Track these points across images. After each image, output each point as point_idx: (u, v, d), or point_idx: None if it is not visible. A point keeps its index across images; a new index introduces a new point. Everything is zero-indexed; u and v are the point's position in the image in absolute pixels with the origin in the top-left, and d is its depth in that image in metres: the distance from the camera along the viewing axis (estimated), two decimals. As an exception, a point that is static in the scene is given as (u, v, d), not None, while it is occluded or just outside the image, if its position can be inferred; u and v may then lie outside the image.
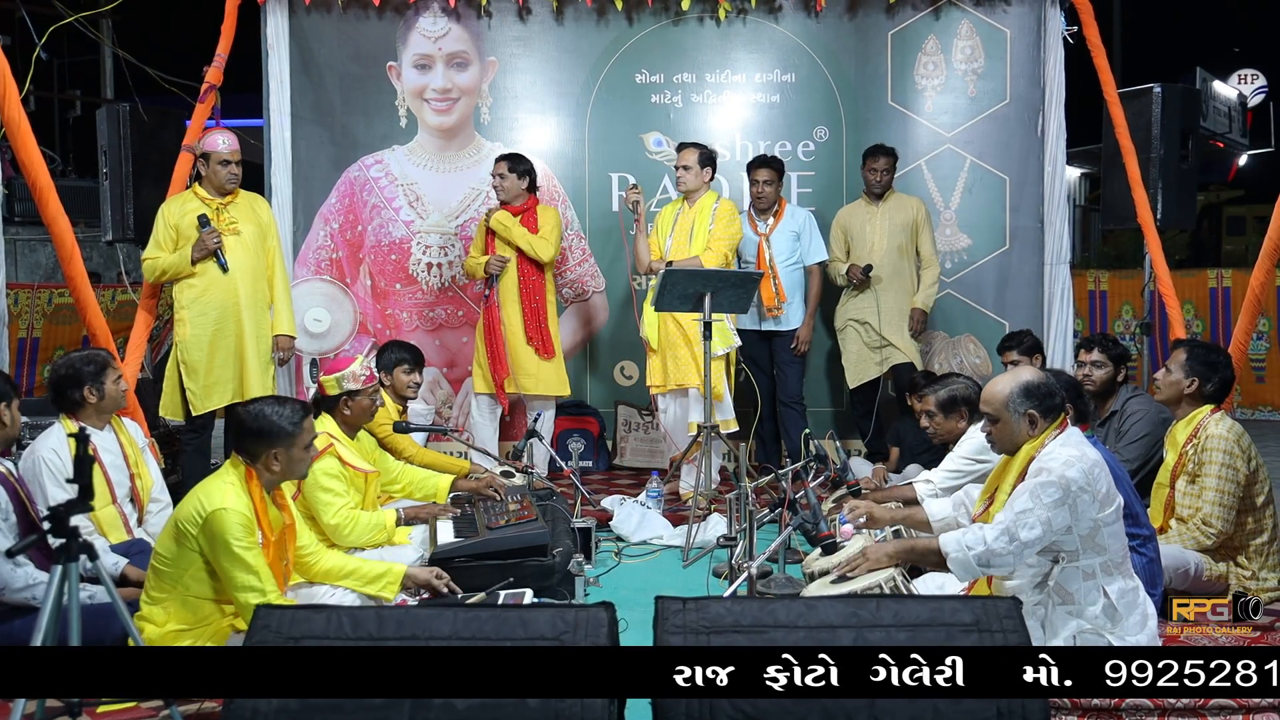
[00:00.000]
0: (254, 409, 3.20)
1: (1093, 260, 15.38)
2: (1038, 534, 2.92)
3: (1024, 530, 2.92)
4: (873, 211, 5.82)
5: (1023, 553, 2.95)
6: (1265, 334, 8.77)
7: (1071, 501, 2.92)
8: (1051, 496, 2.92)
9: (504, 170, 5.51)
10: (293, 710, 2.02)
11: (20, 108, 4.21)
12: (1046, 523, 2.91)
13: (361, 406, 4.06)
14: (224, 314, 4.85)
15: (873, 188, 5.80)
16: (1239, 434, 3.84)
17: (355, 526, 3.88)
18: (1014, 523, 2.94)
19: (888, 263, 5.72)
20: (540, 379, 5.54)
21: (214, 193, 4.89)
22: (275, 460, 3.17)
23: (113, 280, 9.02)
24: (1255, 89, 16.71)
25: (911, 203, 5.85)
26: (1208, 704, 2.85)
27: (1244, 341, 4.81)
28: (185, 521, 3.05)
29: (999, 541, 2.94)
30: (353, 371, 4.00)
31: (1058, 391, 3.13)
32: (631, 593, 4.02)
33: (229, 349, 4.87)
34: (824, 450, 4.17)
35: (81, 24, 6.33)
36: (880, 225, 5.78)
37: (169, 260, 4.83)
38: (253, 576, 3.02)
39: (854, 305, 5.81)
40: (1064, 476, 2.92)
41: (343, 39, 6.17)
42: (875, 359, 5.76)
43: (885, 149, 5.82)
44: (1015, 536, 2.93)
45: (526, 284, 5.50)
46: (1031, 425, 3.09)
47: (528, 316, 5.49)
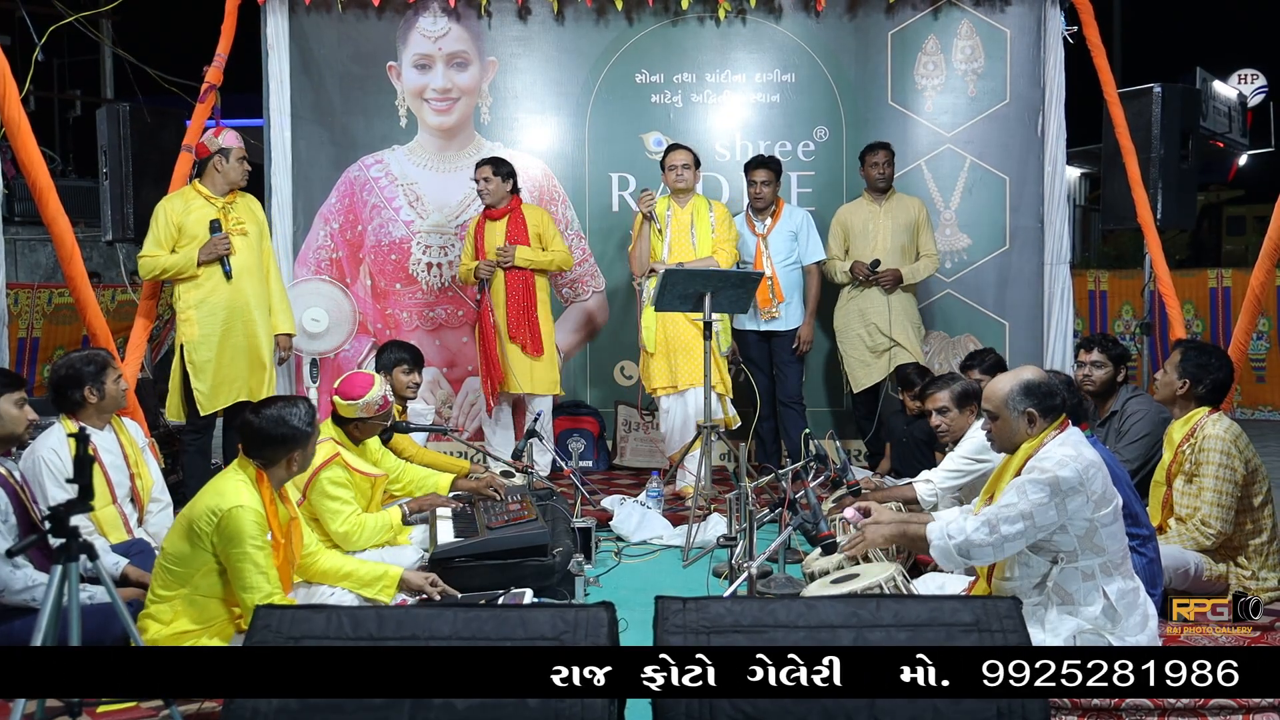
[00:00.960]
0: (271, 415, 3.18)
1: (1093, 260, 15.38)
2: (1019, 528, 2.94)
3: (1005, 524, 2.94)
4: (876, 210, 5.81)
5: (1003, 546, 2.96)
6: (1265, 334, 8.77)
7: (1059, 500, 2.92)
8: (1037, 493, 2.93)
9: (488, 174, 5.51)
10: (293, 710, 2.02)
11: (20, 108, 4.21)
12: (1029, 517, 2.92)
13: (372, 427, 4.10)
14: (232, 314, 4.86)
15: (876, 183, 5.79)
16: (1236, 434, 3.84)
17: (363, 532, 3.91)
18: (995, 515, 2.97)
19: (892, 261, 5.71)
20: (531, 377, 5.54)
21: (218, 190, 4.88)
22: (294, 462, 3.22)
23: (113, 280, 9.02)
24: (1255, 89, 16.69)
25: (913, 203, 5.85)
26: (1208, 704, 2.85)
27: (1244, 341, 4.81)
28: (199, 520, 3.05)
29: (979, 532, 2.97)
30: (370, 401, 3.99)
31: (1059, 392, 3.13)
32: (631, 593, 4.02)
33: (238, 348, 4.88)
34: (824, 450, 4.17)
35: (81, 24, 6.34)
36: (884, 224, 5.77)
37: (170, 260, 4.78)
38: (262, 577, 3.04)
39: (859, 304, 5.77)
40: (1055, 475, 2.93)
41: (343, 39, 6.17)
42: (880, 362, 5.73)
43: (882, 144, 5.83)
44: (995, 529, 2.95)
45: (513, 283, 5.51)
46: (1030, 424, 3.10)
47: (512, 314, 5.50)
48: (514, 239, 5.50)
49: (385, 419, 4.11)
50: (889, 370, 5.71)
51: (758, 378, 5.78)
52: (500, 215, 5.54)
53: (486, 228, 5.58)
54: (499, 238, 5.52)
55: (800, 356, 5.87)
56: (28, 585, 3.08)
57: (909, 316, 5.75)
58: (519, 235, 5.52)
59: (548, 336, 5.60)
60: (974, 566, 3.20)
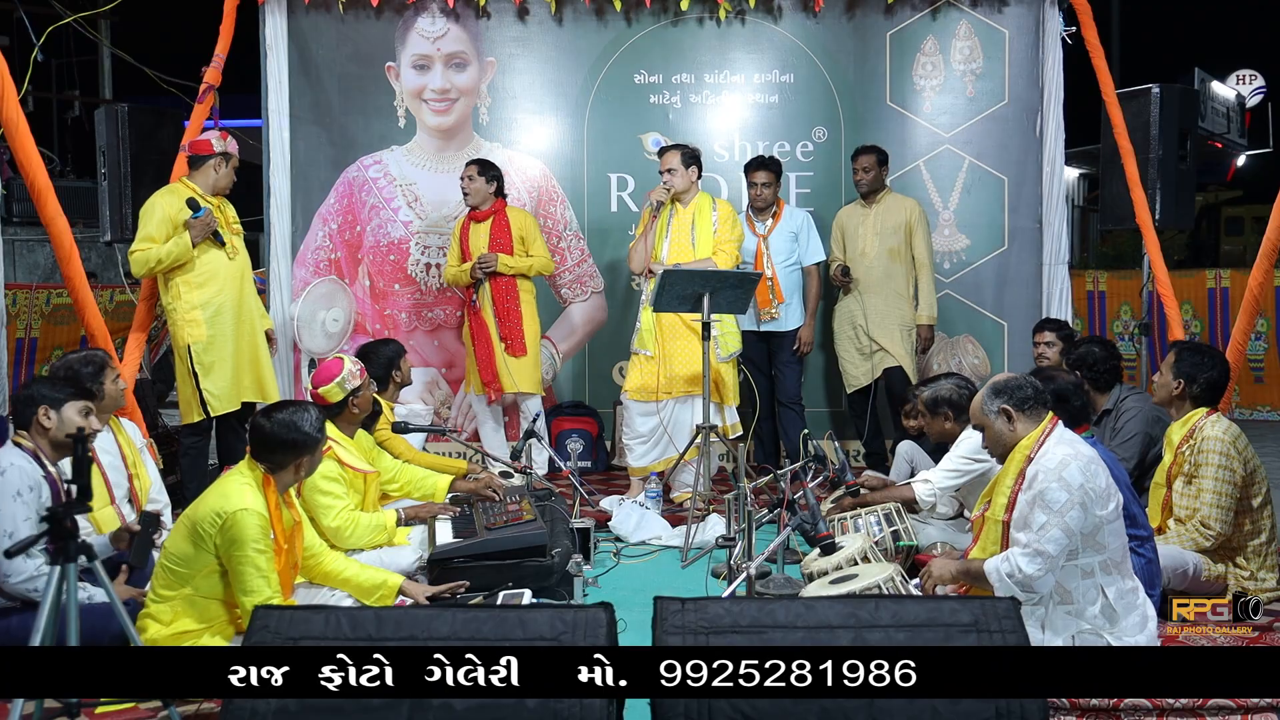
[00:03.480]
0: (282, 420, 3.18)
1: (1091, 261, 15.39)
2: (1062, 545, 2.97)
3: (1050, 544, 2.96)
4: (865, 213, 5.79)
5: (1055, 566, 2.99)
6: (1263, 335, 8.76)
7: (1081, 500, 2.96)
8: (1061, 501, 2.96)
9: (474, 173, 5.49)
10: (291, 711, 2.02)
11: (19, 108, 4.21)
12: (1065, 528, 2.96)
13: (365, 399, 4.10)
14: (238, 314, 4.88)
15: (859, 188, 5.79)
16: (1235, 435, 3.85)
17: (356, 528, 3.88)
18: (1037, 540, 2.98)
19: (878, 265, 5.69)
20: (514, 377, 5.49)
21: (210, 192, 4.89)
22: (301, 467, 3.24)
23: (111, 280, 9.02)
24: (1254, 89, 16.70)
25: (906, 204, 5.77)
26: (1206, 704, 2.85)
27: (1242, 342, 4.80)
28: (203, 522, 3.05)
29: (1032, 565, 2.98)
30: (350, 371, 4.01)
31: (1027, 384, 3.16)
32: (630, 593, 4.02)
33: (245, 348, 4.91)
34: (822, 451, 4.17)
35: (80, 24, 6.34)
36: (871, 227, 5.74)
37: (165, 250, 4.68)
38: (263, 580, 3.04)
39: (849, 306, 5.80)
40: (1063, 479, 2.96)
41: (341, 39, 6.17)
42: (866, 366, 5.74)
43: (868, 148, 5.78)
44: (1043, 553, 2.97)
45: (497, 284, 5.47)
46: (1009, 420, 3.14)
47: (499, 316, 5.46)
48: (497, 240, 5.47)
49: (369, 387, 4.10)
50: (876, 374, 5.71)
51: (757, 378, 5.77)
52: (484, 217, 5.51)
53: (471, 229, 5.54)
54: (482, 240, 5.49)
55: (800, 357, 5.87)
56: (32, 575, 3.08)
57: (898, 320, 5.69)
58: (502, 237, 5.48)
59: (531, 338, 5.53)
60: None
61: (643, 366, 5.30)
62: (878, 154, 5.75)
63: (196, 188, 4.86)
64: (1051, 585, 3.04)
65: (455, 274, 5.61)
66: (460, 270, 5.54)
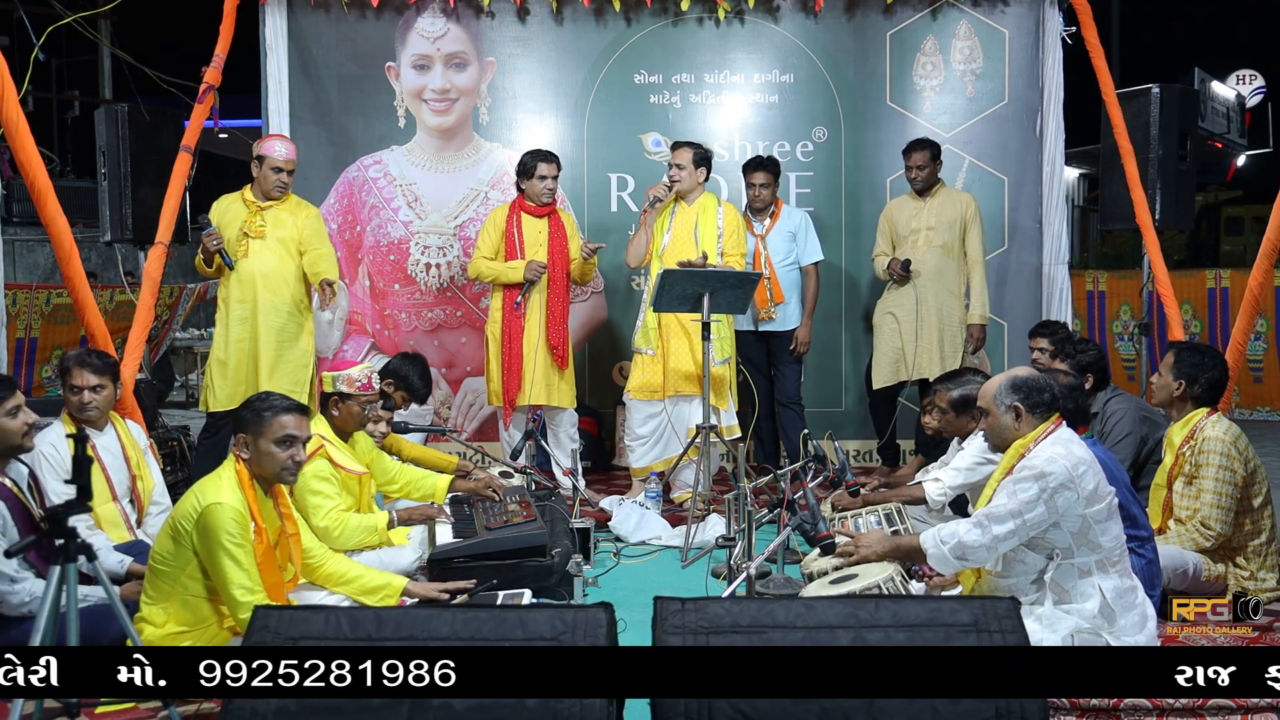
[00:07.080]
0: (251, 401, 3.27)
1: (1091, 261, 15.38)
2: (1010, 527, 2.99)
3: (996, 524, 3.00)
4: (919, 207, 5.67)
5: (996, 545, 3.02)
6: (1263, 335, 8.76)
7: (1049, 497, 2.96)
8: (1026, 492, 2.98)
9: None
10: (291, 711, 2.02)
11: (19, 108, 4.20)
12: (1018, 516, 2.98)
13: (351, 412, 4.01)
14: (247, 317, 4.93)
15: (913, 184, 5.68)
16: (1235, 436, 3.85)
17: (344, 529, 3.85)
18: (987, 515, 3.03)
19: (930, 260, 5.57)
20: (555, 389, 5.32)
21: (260, 196, 4.95)
22: (244, 448, 3.16)
23: (110, 280, 9.02)
24: (1253, 89, 16.72)
25: (962, 199, 5.66)
26: (1206, 704, 2.85)
27: (1242, 342, 4.80)
28: (182, 519, 3.05)
29: (972, 534, 3.03)
30: (349, 375, 4.00)
31: (1048, 389, 3.15)
32: (630, 593, 4.02)
33: (248, 352, 4.94)
34: (822, 451, 4.16)
35: (80, 24, 6.32)
36: (925, 221, 5.63)
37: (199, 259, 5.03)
38: (242, 574, 3.01)
39: (893, 302, 5.67)
40: (1042, 473, 2.97)
41: (341, 39, 6.17)
42: (904, 364, 5.61)
43: (921, 142, 5.67)
44: (987, 529, 3.01)
45: (556, 289, 5.26)
46: (1016, 418, 3.14)
47: (550, 323, 5.26)
48: (557, 238, 5.26)
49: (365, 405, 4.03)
50: (902, 377, 5.63)
51: (756, 379, 5.77)
52: (543, 213, 5.29)
53: (525, 223, 5.27)
54: (543, 236, 5.23)
55: (798, 358, 5.86)
56: (25, 600, 3.03)
57: (948, 336, 5.56)
58: (561, 234, 5.30)
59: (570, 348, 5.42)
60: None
61: (646, 365, 5.30)
62: (931, 148, 5.64)
63: (250, 195, 5.01)
64: (985, 562, 3.08)
65: (497, 270, 5.25)
66: (508, 267, 5.22)
